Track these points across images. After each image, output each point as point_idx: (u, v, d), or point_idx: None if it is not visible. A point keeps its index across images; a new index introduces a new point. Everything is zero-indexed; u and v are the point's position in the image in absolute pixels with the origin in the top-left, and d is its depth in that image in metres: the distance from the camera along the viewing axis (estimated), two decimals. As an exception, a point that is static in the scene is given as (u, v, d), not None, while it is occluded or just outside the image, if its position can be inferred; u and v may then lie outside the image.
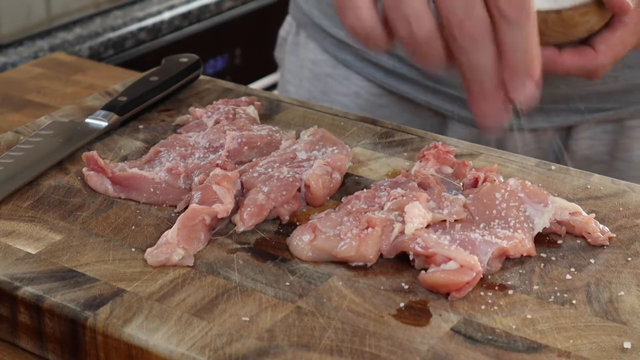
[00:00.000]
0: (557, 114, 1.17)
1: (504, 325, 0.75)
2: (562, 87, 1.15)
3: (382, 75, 1.24)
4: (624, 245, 0.85)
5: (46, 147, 0.99)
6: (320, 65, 1.29)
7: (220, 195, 0.87)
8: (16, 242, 0.85)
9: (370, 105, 1.25)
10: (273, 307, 0.77)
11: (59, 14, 2.02)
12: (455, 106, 1.20)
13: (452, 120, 1.22)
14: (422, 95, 1.22)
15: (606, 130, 1.18)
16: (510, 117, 0.85)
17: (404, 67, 1.21)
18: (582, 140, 1.18)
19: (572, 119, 1.17)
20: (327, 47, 1.27)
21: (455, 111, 1.20)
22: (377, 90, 1.25)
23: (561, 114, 1.17)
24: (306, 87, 1.31)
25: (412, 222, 0.82)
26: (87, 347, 0.77)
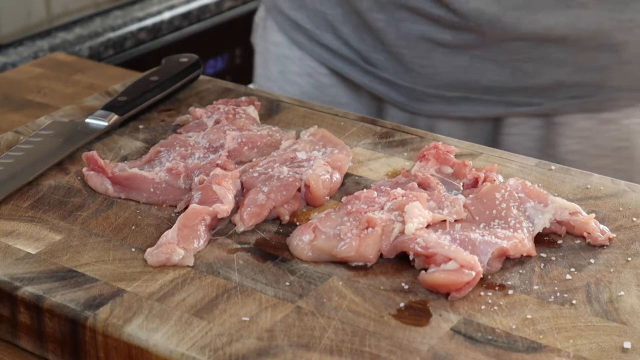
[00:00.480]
0: (483, 104, 1.20)
1: (504, 325, 0.75)
2: (489, 78, 1.17)
3: (328, 56, 1.27)
4: (624, 245, 0.85)
5: (46, 147, 0.99)
6: (280, 47, 1.33)
7: (220, 195, 0.87)
8: (16, 242, 0.85)
9: (320, 85, 1.29)
10: (273, 307, 0.77)
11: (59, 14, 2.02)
12: (391, 90, 1.23)
13: (388, 104, 1.25)
14: (361, 77, 1.25)
15: (534, 126, 1.20)
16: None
17: (346, 48, 1.25)
18: (511, 135, 1.20)
19: (498, 111, 1.19)
20: (285, 29, 1.31)
21: (390, 95, 1.23)
22: (325, 70, 1.29)
23: (487, 104, 1.19)
24: (270, 68, 1.35)
25: (412, 222, 0.82)
26: (87, 347, 0.77)
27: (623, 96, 1.17)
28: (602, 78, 1.16)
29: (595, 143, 1.19)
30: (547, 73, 1.16)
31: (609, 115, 1.18)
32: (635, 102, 1.17)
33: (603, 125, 1.18)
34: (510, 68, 1.16)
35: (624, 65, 1.15)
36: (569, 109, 1.18)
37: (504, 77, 1.17)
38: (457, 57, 1.17)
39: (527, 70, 1.16)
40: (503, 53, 1.15)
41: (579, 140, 1.19)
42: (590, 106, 1.17)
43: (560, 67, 1.15)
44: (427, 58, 1.18)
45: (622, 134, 1.19)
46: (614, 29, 1.13)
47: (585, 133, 1.18)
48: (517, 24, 1.12)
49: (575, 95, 1.17)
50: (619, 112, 1.18)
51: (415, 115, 1.22)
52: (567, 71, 1.16)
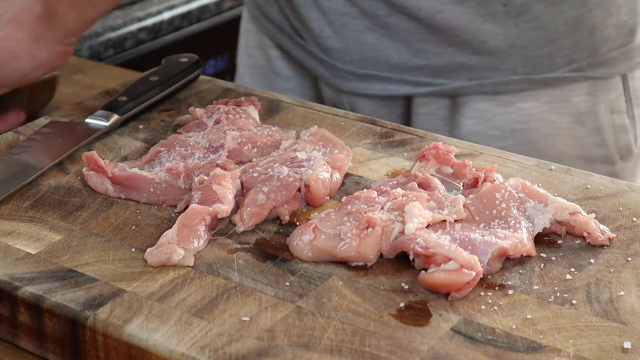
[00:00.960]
0: (391, 82, 1.23)
1: (504, 325, 0.75)
2: (395, 56, 1.21)
3: (272, 29, 1.32)
4: (624, 245, 0.85)
5: (46, 147, 0.99)
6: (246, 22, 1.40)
7: (220, 195, 0.87)
8: (16, 242, 0.85)
9: (269, 58, 1.33)
10: (273, 307, 0.77)
11: (59, 14, 2.01)
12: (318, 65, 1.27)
13: (320, 80, 1.28)
14: (296, 51, 1.29)
15: (441, 106, 1.23)
16: None
17: (287, 23, 1.29)
18: (420, 115, 1.24)
19: (404, 90, 1.23)
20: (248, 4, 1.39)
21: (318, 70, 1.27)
22: (271, 43, 1.34)
23: (395, 82, 1.23)
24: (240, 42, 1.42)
25: (412, 222, 0.82)
26: (87, 347, 0.77)
27: (518, 80, 1.19)
28: (497, 61, 1.18)
29: (494, 124, 1.22)
30: (446, 54, 1.19)
31: (506, 98, 1.21)
32: (530, 86, 1.19)
33: (500, 107, 1.21)
34: (412, 47, 1.20)
35: (517, 50, 1.17)
36: (468, 90, 1.21)
37: (407, 56, 1.21)
38: (367, 35, 1.21)
39: (427, 50, 1.20)
40: (404, 32, 1.19)
41: (479, 120, 1.22)
42: (487, 88, 1.20)
43: (457, 48, 1.19)
44: (342, 35, 1.22)
45: (518, 116, 1.21)
46: (501, 14, 1.15)
47: (484, 114, 1.22)
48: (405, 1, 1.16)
49: (473, 76, 1.20)
50: (515, 96, 1.20)
51: (339, 93, 1.26)
52: (463, 53, 1.19)
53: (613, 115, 1.23)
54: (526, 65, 1.19)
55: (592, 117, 1.22)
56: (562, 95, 1.21)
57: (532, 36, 1.17)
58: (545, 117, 1.21)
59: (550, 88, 1.20)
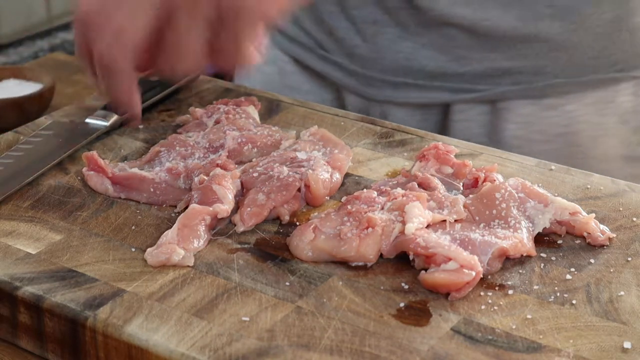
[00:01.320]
0: (428, 90, 1.20)
1: (504, 325, 0.75)
2: (432, 64, 1.18)
3: (287, 43, 1.29)
4: (624, 245, 0.85)
5: (46, 147, 0.99)
6: None
7: (220, 196, 0.87)
8: (16, 242, 0.85)
9: (283, 73, 1.30)
10: (273, 307, 0.77)
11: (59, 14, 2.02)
12: (345, 76, 1.24)
13: (346, 91, 1.26)
14: (317, 63, 1.26)
15: (481, 112, 1.21)
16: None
17: (304, 35, 1.26)
18: (459, 121, 1.21)
19: (443, 97, 1.20)
20: None
21: (345, 81, 1.24)
22: (286, 58, 1.30)
23: (432, 90, 1.20)
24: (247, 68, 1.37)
25: (412, 222, 0.82)
26: (87, 347, 0.77)
27: (563, 83, 1.18)
28: (542, 65, 1.17)
29: (538, 129, 1.20)
30: (488, 60, 1.18)
31: (551, 101, 1.19)
32: (576, 89, 1.18)
33: (545, 111, 1.20)
34: (452, 54, 1.18)
35: (563, 52, 1.16)
36: (512, 95, 1.19)
37: (446, 64, 1.18)
38: (401, 43, 1.19)
39: (468, 57, 1.18)
40: (442, 39, 1.17)
41: (523, 125, 1.20)
42: (531, 92, 1.19)
43: (500, 53, 1.17)
44: (373, 44, 1.20)
45: (564, 120, 1.20)
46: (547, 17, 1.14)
47: (528, 119, 1.20)
48: (451, 5, 1.14)
49: (517, 81, 1.18)
50: (561, 99, 1.19)
51: (369, 102, 1.24)
52: (508, 58, 1.17)
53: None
54: (572, 68, 1.17)
55: (636, 116, 1.21)
56: (607, 96, 1.19)
57: (577, 38, 1.15)
58: (590, 119, 1.20)
59: (596, 90, 1.19)
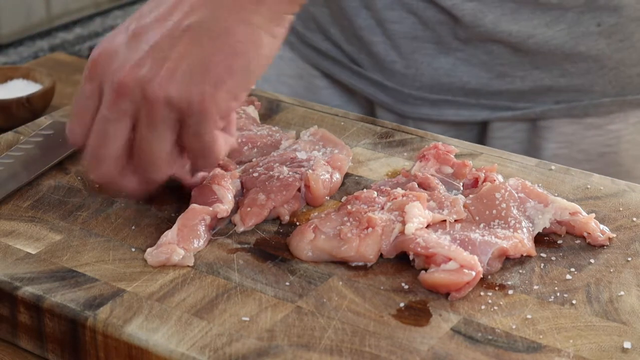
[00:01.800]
0: (467, 107, 1.19)
1: (504, 325, 0.75)
2: (473, 81, 1.17)
3: (317, 58, 1.27)
4: (624, 245, 0.85)
5: (46, 147, 0.99)
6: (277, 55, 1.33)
7: (220, 196, 0.87)
8: (16, 242, 0.85)
9: (313, 87, 1.29)
10: (273, 307, 0.77)
11: (59, 14, 2.02)
12: (378, 92, 1.23)
13: (379, 107, 1.24)
14: (350, 78, 1.25)
15: (520, 130, 1.20)
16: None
17: (335, 50, 1.25)
18: (497, 139, 1.20)
19: (482, 115, 1.19)
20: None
21: (378, 97, 1.23)
22: (316, 72, 1.28)
23: (471, 108, 1.19)
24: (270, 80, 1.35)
25: (412, 222, 0.82)
26: (87, 347, 0.77)
27: (608, 102, 1.17)
28: (587, 83, 1.16)
29: (580, 148, 1.19)
30: (531, 77, 1.16)
31: (594, 120, 1.18)
32: (620, 108, 1.17)
33: (588, 130, 1.18)
34: (494, 71, 1.16)
35: (608, 70, 1.15)
36: (554, 113, 1.18)
37: (487, 81, 1.17)
38: (440, 59, 1.17)
39: (511, 74, 1.16)
40: (485, 55, 1.15)
41: (564, 144, 1.19)
42: (575, 111, 1.17)
43: (544, 71, 1.15)
44: (411, 59, 1.18)
45: (607, 139, 1.19)
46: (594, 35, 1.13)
47: (570, 138, 1.19)
48: (497, 22, 1.12)
49: (560, 99, 1.17)
50: (604, 118, 1.18)
51: (404, 118, 1.22)
52: (552, 76, 1.16)
53: None
54: (616, 87, 1.16)
55: None
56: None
57: (623, 56, 1.15)
58: (633, 139, 1.19)
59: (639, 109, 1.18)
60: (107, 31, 1.96)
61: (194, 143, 0.83)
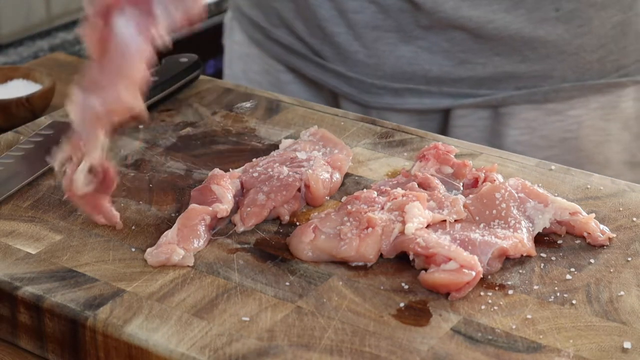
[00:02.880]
0: (429, 95, 1.20)
1: (504, 325, 0.75)
2: (435, 69, 1.17)
3: (282, 52, 1.28)
4: (624, 245, 0.85)
5: (46, 147, 0.99)
6: (242, 45, 1.34)
7: (219, 195, 0.87)
8: (16, 242, 0.85)
9: (279, 82, 1.30)
10: (273, 307, 0.77)
11: (59, 14, 2.02)
12: (342, 83, 1.23)
13: (343, 98, 1.25)
14: (314, 71, 1.26)
15: (482, 117, 1.20)
16: None
17: (299, 43, 1.25)
18: (459, 127, 1.21)
19: (444, 103, 1.20)
20: (245, 28, 1.33)
21: (342, 88, 1.24)
22: (281, 67, 1.29)
23: (433, 96, 1.20)
24: (233, 67, 1.37)
25: (412, 222, 0.82)
26: (87, 347, 0.77)
27: (569, 87, 1.18)
28: (547, 69, 1.17)
29: (541, 134, 1.20)
30: (492, 64, 1.17)
31: (555, 106, 1.19)
32: (580, 93, 1.18)
33: (549, 116, 1.19)
34: (455, 59, 1.17)
35: (568, 56, 1.16)
36: (515, 99, 1.18)
37: (449, 68, 1.18)
38: (402, 48, 1.18)
39: (472, 61, 1.17)
40: (446, 42, 1.16)
41: (525, 130, 1.19)
42: (536, 97, 1.18)
43: (504, 57, 1.16)
44: (373, 49, 1.19)
45: (568, 124, 1.19)
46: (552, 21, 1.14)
47: (532, 124, 1.19)
48: (457, 7, 1.13)
49: (521, 86, 1.18)
50: (565, 103, 1.18)
51: (367, 108, 1.23)
52: (512, 62, 1.16)
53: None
54: (576, 72, 1.17)
55: (638, 122, 1.21)
56: (611, 101, 1.19)
57: (582, 42, 1.15)
58: (594, 124, 1.19)
59: (600, 94, 1.19)
60: (107, 31, 1.96)
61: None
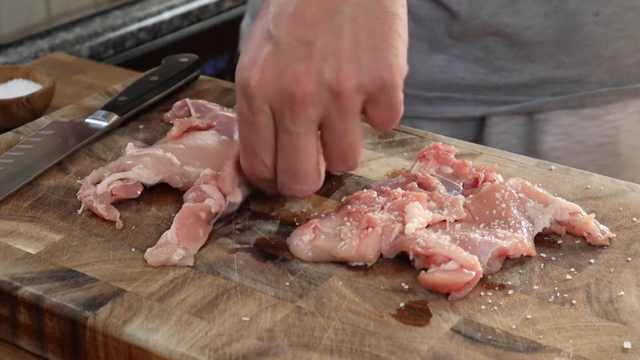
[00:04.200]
0: (463, 104, 1.19)
1: (504, 325, 0.75)
2: (469, 77, 1.17)
3: None
4: (624, 245, 0.85)
5: (46, 147, 0.99)
6: None
7: (209, 194, 0.87)
8: (16, 242, 0.85)
9: None
10: (273, 307, 0.77)
11: (59, 14, 2.02)
12: None
13: None
14: None
15: (517, 124, 1.20)
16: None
17: None
18: (495, 134, 1.20)
19: (479, 110, 1.19)
20: None
21: None
22: None
23: (468, 104, 1.19)
24: None
25: (412, 222, 0.82)
26: (87, 347, 0.77)
27: (605, 92, 1.17)
28: (583, 74, 1.16)
29: (578, 139, 1.19)
30: (527, 70, 1.16)
31: (592, 111, 1.18)
32: (618, 98, 1.18)
33: (585, 121, 1.18)
34: (490, 66, 1.16)
35: (605, 60, 1.15)
36: (551, 105, 1.18)
37: (483, 76, 1.17)
38: (435, 56, 1.17)
39: (507, 68, 1.16)
40: (480, 50, 1.15)
41: (562, 136, 1.19)
42: (572, 102, 1.18)
43: (540, 63, 1.15)
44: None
45: (605, 129, 1.19)
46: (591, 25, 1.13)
47: (568, 129, 1.19)
48: (494, 14, 1.12)
49: (557, 91, 1.17)
50: (602, 108, 1.18)
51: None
52: (548, 67, 1.16)
53: None
54: (613, 77, 1.17)
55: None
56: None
57: (620, 46, 1.15)
58: (632, 129, 1.19)
59: (638, 98, 1.18)
60: (107, 31, 1.96)
61: (334, 144, 0.81)
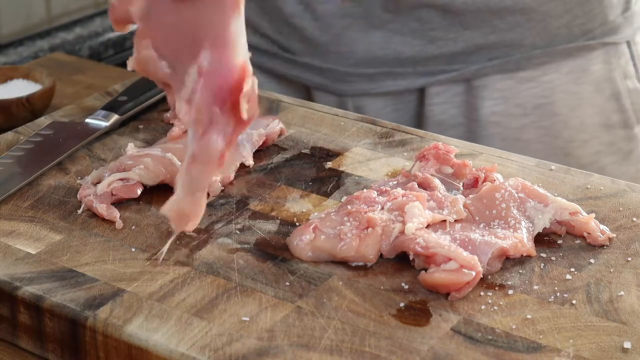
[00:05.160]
0: (404, 77, 1.21)
1: (504, 325, 0.75)
2: (406, 50, 1.18)
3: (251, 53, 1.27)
4: (624, 245, 0.85)
5: (46, 147, 0.99)
6: None
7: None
8: (16, 242, 0.85)
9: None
10: (273, 307, 0.77)
11: (59, 14, 2.02)
12: (314, 75, 1.24)
13: (316, 91, 1.25)
14: (284, 68, 1.26)
15: (457, 93, 1.22)
16: None
17: (265, 42, 1.26)
18: (435, 105, 1.22)
19: (419, 82, 1.21)
20: None
21: (314, 80, 1.24)
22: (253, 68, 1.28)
23: (408, 76, 1.21)
24: None
25: (412, 222, 0.82)
26: (87, 347, 0.77)
27: (539, 53, 1.19)
28: (517, 37, 1.18)
29: (516, 102, 1.21)
30: (462, 38, 1.18)
31: (527, 74, 1.20)
32: (551, 59, 1.19)
33: (522, 84, 1.20)
34: (425, 37, 1.18)
35: (536, 23, 1.17)
36: (488, 70, 1.20)
37: (420, 48, 1.19)
38: (372, 33, 1.19)
39: (442, 38, 1.18)
40: (416, 22, 1.17)
41: (500, 101, 1.21)
42: (508, 66, 1.20)
43: (474, 30, 1.18)
44: (343, 37, 1.20)
45: (541, 91, 1.21)
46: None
47: (506, 93, 1.21)
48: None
49: (493, 56, 1.19)
50: (537, 70, 1.20)
51: (342, 97, 1.24)
52: (482, 34, 1.18)
53: (626, 80, 1.25)
54: (545, 38, 1.19)
55: (610, 84, 1.23)
56: (581, 65, 1.21)
57: (549, 8, 1.17)
58: (567, 89, 1.21)
59: (570, 59, 1.21)
60: (107, 31, 1.96)
61: None
